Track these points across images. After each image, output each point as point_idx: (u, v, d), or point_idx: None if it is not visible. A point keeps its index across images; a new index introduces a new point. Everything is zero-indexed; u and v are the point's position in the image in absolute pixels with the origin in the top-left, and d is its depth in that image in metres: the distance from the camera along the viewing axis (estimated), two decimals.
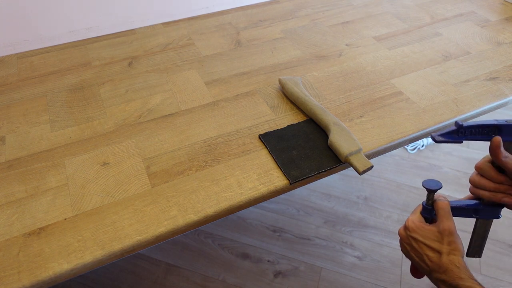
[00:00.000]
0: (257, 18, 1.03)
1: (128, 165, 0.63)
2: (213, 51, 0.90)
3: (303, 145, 0.64)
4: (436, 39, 0.92)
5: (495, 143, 0.49)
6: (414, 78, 0.80)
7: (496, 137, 0.49)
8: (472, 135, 0.51)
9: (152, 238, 0.53)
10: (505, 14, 1.01)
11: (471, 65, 0.83)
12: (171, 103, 0.75)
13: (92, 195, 0.58)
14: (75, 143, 0.67)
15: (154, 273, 1.18)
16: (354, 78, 0.81)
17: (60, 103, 0.76)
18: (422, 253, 0.53)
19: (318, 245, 1.25)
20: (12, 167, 0.63)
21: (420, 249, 0.53)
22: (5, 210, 0.56)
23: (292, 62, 0.86)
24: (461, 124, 0.50)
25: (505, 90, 0.76)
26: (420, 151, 1.55)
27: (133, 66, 0.86)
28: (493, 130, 0.50)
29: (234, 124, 0.70)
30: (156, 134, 0.68)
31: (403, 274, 1.17)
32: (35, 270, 0.49)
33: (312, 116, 0.69)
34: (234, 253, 1.23)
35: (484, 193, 0.53)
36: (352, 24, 0.99)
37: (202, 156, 0.64)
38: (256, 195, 0.58)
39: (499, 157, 0.49)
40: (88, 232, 0.53)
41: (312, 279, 1.16)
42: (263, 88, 0.78)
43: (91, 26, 0.96)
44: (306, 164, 0.61)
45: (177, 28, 0.99)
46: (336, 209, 1.35)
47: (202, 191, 0.58)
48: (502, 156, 0.49)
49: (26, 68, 0.87)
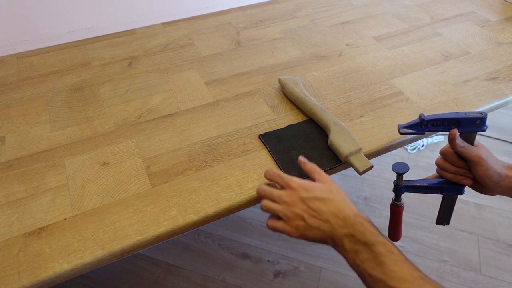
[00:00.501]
0: (257, 18, 1.03)
1: (128, 165, 0.63)
2: (213, 51, 0.90)
3: (303, 145, 0.64)
4: (436, 39, 0.92)
5: (451, 135, 0.54)
6: (414, 78, 0.80)
7: (453, 130, 0.54)
8: (434, 127, 0.55)
9: (152, 238, 0.53)
10: (505, 14, 1.01)
11: (471, 65, 0.83)
12: (171, 103, 0.75)
13: (92, 195, 0.58)
14: (75, 143, 0.67)
15: (154, 273, 1.18)
16: (354, 78, 0.81)
17: (60, 103, 0.76)
18: (326, 211, 0.50)
19: (318, 245, 1.25)
20: (12, 167, 0.63)
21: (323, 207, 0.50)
22: (5, 210, 0.56)
23: (292, 62, 0.86)
24: (424, 117, 0.54)
25: (505, 90, 0.76)
26: (420, 151, 1.55)
27: (133, 66, 0.86)
28: (453, 122, 0.54)
29: (234, 124, 0.70)
30: (156, 134, 0.68)
31: None
32: (35, 270, 0.49)
33: (312, 116, 0.68)
34: (234, 253, 1.23)
35: (447, 175, 0.61)
36: (352, 24, 0.99)
37: (202, 156, 0.64)
38: (256, 195, 0.58)
39: (456, 147, 0.55)
40: (88, 232, 0.53)
41: (312, 279, 1.16)
42: (263, 88, 0.78)
43: (91, 26, 0.96)
44: None
45: (177, 28, 0.99)
46: None
47: (202, 191, 0.58)
48: (458, 146, 0.55)
49: (26, 68, 0.87)
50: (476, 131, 0.55)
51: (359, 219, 0.48)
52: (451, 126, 0.54)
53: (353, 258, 0.47)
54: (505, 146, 1.56)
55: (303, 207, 0.50)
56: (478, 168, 0.56)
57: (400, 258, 0.44)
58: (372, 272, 0.44)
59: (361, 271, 0.46)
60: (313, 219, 0.50)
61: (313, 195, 0.51)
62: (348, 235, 0.47)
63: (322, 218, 0.49)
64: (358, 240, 0.47)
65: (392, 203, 0.67)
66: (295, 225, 0.51)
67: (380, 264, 0.44)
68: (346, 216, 0.49)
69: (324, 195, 0.51)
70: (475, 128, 0.54)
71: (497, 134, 1.61)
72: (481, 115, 0.53)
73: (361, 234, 0.47)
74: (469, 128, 0.54)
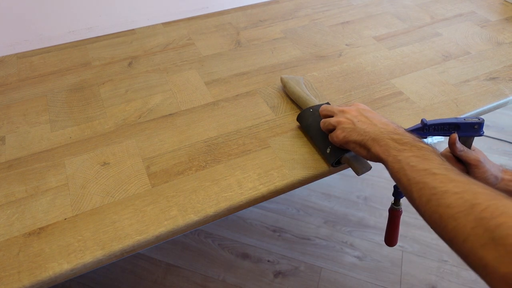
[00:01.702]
0: (257, 18, 1.03)
1: (128, 165, 0.63)
2: (213, 51, 0.90)
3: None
4: (436, 39, 0.92)
5: (451, 140, 0.57)
6: (414, 78, 0.80)
7: (453, 134, 0.56)
8: (435, 131, 0.57)
9: (152, 238, 0.53)
10: (505, 14, 1.01)
11: (471, 65, 0.83)
12: (171, 103, 0.75)
13: (92, 195, 0.58)
14: (75, 143, 0.67)
15: (154, 273, 1.18)
16: (354, 78, 0.81)
17: (60, 103, 0.76)
18: (377, 119, 0.54)
19: (318, 245, 1.25)
20: (12, 167, 0.63)
21: (375, 116, 0.55)
22: (5, 210, 0.56)
23: (292, 62, 0.86)
24: (426, 122, 0.57)
25: (505, 90, 0.76)
26: None
27: (133, 66, 0.86)
28: (453, 127, 0.57)
29: (234, 124, 0.70)
30: (156, 134, 0.68)
31: (403, 274, 1.17)
32: (35, 270, 0.49)
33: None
34: (234, 253, 1.23)
35: None
36: (352, 24, 0.99)
37: (202, 156, 0.64)
38: (256, 195, 0.58)
39: (456, 151, 0.57)
40: (88, 232, 0.53)
41: (312, 279, 1.16)
42: (263, 88, 0.78)
43: (91, 26, 0.96)
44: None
45: (177, 28, 0.99)
46: (336, 209, 1.35)
47: (202, 191, 0.58)
48: (458, 150, 0.57)
49: (26, 68, 0.87)
50: (474, 135, 0.57)
51: (403, 130, 0.51)
52: (451, 130, 0.57)
53: (395, 155, 0.46)
54: (505, 146, 1.56)
55: (356, 114, 0.56)
56: (476, 171, 0.57)
57: (447, 162, 0.43)
58: (416, 164, 0.43)
59: (401, 166, 0.44)
60: (361, 123, 0.54)
61: (368, 109, 0.57)
62: (393, 138, 0.49)
63: (371, 123, 0.54)
64: (404, 142, 0.47)
65: (391, 207, 0.67)
66: (343, 128, 0.55)
67: (426, 159, 0.43)
68: (392, 126, 0.52)
69: (376, 113, 0.57)
70: (473, 133, 0.57)
71: (497, 134, 1.61)
72: (479, 120, 0.56)
73: (409, 138, 0.48)
74: (468, 133, 0.57)
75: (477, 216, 0.33)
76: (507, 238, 0.30)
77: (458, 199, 0.36)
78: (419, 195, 0.40)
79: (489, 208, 0.33)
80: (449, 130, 0.57)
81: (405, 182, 0.43)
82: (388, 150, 0.48)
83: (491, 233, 0.31)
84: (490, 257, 0.31)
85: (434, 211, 0.38)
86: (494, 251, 0.31)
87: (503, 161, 1.50)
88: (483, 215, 0.33)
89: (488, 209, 0.33)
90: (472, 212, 0.34)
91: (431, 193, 0.39)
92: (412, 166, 0.43)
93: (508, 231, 0.31)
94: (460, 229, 0.34)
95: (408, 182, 0.42)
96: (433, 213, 0.38)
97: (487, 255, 0.31)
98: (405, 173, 0.43)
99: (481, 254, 0.32)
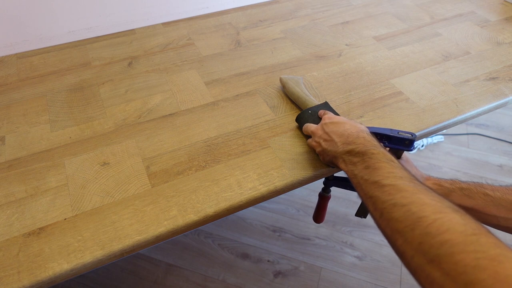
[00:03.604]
0: (257, 18, 1.03)
1: (128, 165, 0.63)
2: (213, 51, 0.90)
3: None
4: (436, 39, 0.92)
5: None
6: (414, 78, 0.80)
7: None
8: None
9: (152, 238, 0.53)
10: (505, 14, 1.01)
11: (471, 65, 0.83)
12: (171, 103, 0.75)
13: (92, 195, 0.58)
14: (75, 143, 0.67)
15: (154, 273, 1.18)
16: (354, 78, 0.81)
17: (60, 103, 0.76)
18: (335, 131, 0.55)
19: (318, 245, 1.25)
20: (12, 167, 0.63)
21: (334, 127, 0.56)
22: (5, 210, 0.56)
23: (292, 62, 0.86)
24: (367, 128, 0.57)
25: (505, 90, 0.76)
26: (420, 151, 1.55)
27: (133, 66, 0.86)
28: (385, 138, 0.57)
29: (234, 124, 0.70)
30: (156, 134, 0.68)
31: (403, 274, 1.17)
32: (35, 270, 0.49)
33: None
34: (234, 253, 1.23)
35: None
36: (352, 24, 0.99)
37: (202, 156, 0.64)
38: (256, 195, 0.58)
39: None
40: (88, 232, 0.53)
41: (312, 279, 1.16)
42: (263, 88, 0.78)
43: (91, 26, 0.96)
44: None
45: (177, 28, 0.99)
46: (336, 209, 1.35)
47: (202, 191, 0.58)
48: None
49: (26, 68, 0.87)
50: (403, 150, 0.57)
51: (362, 134, 0.50)
52: (383, 140, 0.57)
53: (352, 170, 0.47)
54: (505, 146, 1.56)
55: (320, 133, 0.58)
56: None
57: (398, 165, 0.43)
58: (368, 178, 0.43)
59: (358, 181, 0.45)
60: (326, 143, 0.55)
61: (330, 121, 0.58)
62: (348, 150, 0.49)
63: (330, 139, 0.54)
64: (357, 152, 0.48)
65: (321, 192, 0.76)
66: (319, 152, 0.58)
67: (376, 168, 0.43)
68: (349, 134, 0.52)
69: (337, 119, 0.58)
70: (403, 147, 0.57)
71: (497, 134, 1.61)
72: (411, 136, 0.55)
73: (361, 146, 0.48)
74: (398, 146, 0.57)
75: (422, 231, 0.33)
76: (452, 256, 0.30)
77: (406, 212, 0.36)
78: (374, 209, 0.41)
79: (435, 224, 0.33)
80: (381, 140, 0.56)
81: (363, 196, 0.44)
82: (346, 165, 0.49)
83: (437, 250, 0.32)
84: (437, 274, 0.31)
85: (386, 225, 0.38)
86: (440, 269, 0.31)
87: (503, 161, 1.50)
88: (429, 230, 0.33)
89: (434, 224, 0.33)
90: (418, 227, 0.34)
91: (382, 207, 0.39)
92: (365, 180, 0.44)
93: (452, 249, 0.31)
94: (408, 245, 0.34)
95: (365, 197, 0.43)
96: (385, 227, 0.38)
97: (434, 272, 0.31)
98: (361, 188, 0.44)
99: (429, 270, 0.32)
